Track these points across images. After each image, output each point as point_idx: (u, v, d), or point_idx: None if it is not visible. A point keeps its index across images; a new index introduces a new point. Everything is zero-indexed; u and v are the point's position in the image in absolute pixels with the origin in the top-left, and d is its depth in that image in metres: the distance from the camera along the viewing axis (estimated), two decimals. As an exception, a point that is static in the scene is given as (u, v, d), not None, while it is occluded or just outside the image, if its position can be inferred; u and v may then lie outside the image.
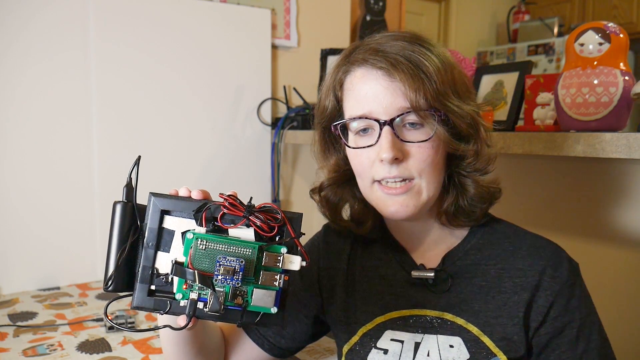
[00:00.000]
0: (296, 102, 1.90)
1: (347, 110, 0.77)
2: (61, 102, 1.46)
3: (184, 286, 0.58)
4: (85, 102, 1.50)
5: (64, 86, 1.46)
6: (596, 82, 1.01)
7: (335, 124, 0.78)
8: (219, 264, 0.56)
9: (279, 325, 0.60)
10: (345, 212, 0.87)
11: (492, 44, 4.14)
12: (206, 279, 0.56)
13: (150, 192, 0.60)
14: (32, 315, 1.25)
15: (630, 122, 1.06)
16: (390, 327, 0.79)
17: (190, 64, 1.67)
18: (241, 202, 0.58)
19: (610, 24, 1.01)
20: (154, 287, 0.59)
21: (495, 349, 0.73)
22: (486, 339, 0.74)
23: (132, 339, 1.11)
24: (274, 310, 0.58)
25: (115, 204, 0.61)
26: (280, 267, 0.58)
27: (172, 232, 0.59)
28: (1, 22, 1.37)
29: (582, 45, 1.02)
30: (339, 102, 0.79)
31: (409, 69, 0.70)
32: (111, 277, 0.59)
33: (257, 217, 0.58)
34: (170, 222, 0.60)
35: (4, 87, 1.39)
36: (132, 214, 0.60)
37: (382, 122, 0.72)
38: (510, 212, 0.87)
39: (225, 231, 0.59)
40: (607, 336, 0.76)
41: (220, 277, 0.56)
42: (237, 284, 0.56)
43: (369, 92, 0.73)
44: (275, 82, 1.90)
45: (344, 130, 0.78)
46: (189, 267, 0.56)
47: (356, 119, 0.74)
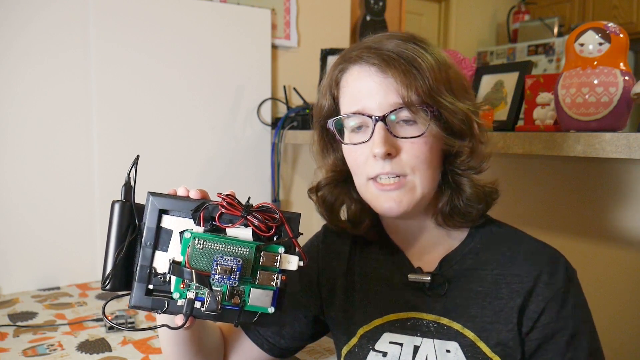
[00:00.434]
0: (296, 102, 1.90)
1: (342, 107, 0.78)
2: (61, 102, 1.46)
3: (182, 285, 0.58)
4: (85, 102, 1.50)
5: (64, 86, 1.46)
6: (596, 82, 1.00)
7: (330, 121, 0.78)
8: (216, 263, 0.56)
9: (276, 325, 0.60)
10: (342, 214, 0.87)
11: (492, 44, 4.14)
12: (203, 279, 0.56)
13: (148, 192, 0.60)
14: (32, 315, 1.25)
15: (630, 122, 1.06)
16: (388, 330, 0.78)
17: (190, 64, 1.67)
18: (239, 202, 0.58)
19: (610, 24, 1.01)
20: (151, 286, 0.59)
21: (491, 354, 0.73)
22: (482, 345, 0.73)
23: (132, 339, 1.11)
24: (271, 310, 0.58)
25: (113, 203, 0.61)
26: (277, 267, 0.58)
27: (170, 232, 0.59)
28: (1, 22, 1.37)
29: (582, 45, 1.02)
30: (335, 100, 0.80)
31: (401, 65, 0.71)
32: (109, 276, 0.59)
33: (255, 217, 0.58)
34: (168, 221, 0.60)
35: (4, 87, 1.39)
36: (131, 213, 0.60)
37: (374, 118, 0.72)
38: (509, 212, 0.87)
39: (223, 231, 0.59)
40: (599, 346, 0.76)
41: (217, 276, 0.56)
42: (235, 283, 0.56)
43: (363, 89, 0.74)
44: (275, 82, 1.90)
45: (341, 128, 0.79)
46: (186, 267, 0.56)
47: (350, 115, 0.75)
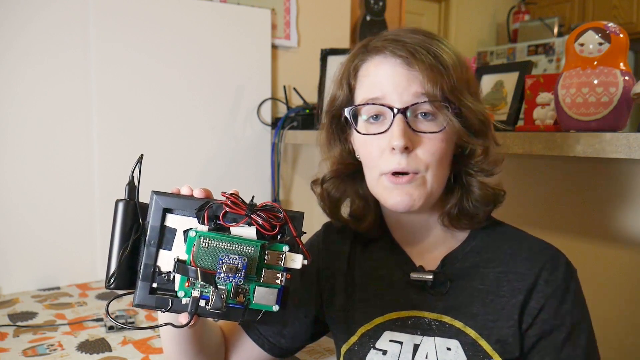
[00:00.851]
0: (296, 102, 1.90)
1: (359, 96, 0.77)
2: (61, 102, 1.46)
3: (186, 284, 0.58)
4: (85, 102, 1.50)
5: (64, 86, 1.46)
6: (596, 82, 1.00)
7: (348, 109, 0.77)
8: (221, 261, 0.56)
9: (280, 323, 0.60)
10: (345, 210, 0.86)
11: (492, 44, 4.14)
12: (209, 277, 0.56)
13: (152, 191, 0.60)
14: (32, 315, 1.25)
15: (630, 122, 1.06)
16: (389, 328, 0.78)
17: (190, 64, 1.67)
18: (243, 201, 0.59)
19: (610, 24, 1.01)
20: (155, 285, 0.59)
21: (491, 352, 0.73)
22: (483, 342, 0.73)
23: (132, 339, 1.11)
24: (276, 308, 0.58)
25: (117, 202, 0.61)
26: (282, 265, 0.58)
27: (174, 231, 0.59)
28: (1, 22, 1.37)
29: (582, 45, 1.02)
30: (351, 89, 0.79)
31: (428, 60, 0.71)
32: (113, 275, 0.59)
33: (259, 216, 0.58)
34: (172, 220, 0.60)
35: (4, 87, 1.39)
36: (134, 212, 0.60)
37: (395, 110, 0.71)
38: (510, 212, 0.87)
39: (227, 230, 0.59)
40: (596, 346, 0.76)
41: (222, 274, 0.56)
42: (240, 281, 0.56)
43: (385, 78, 0.73)
44: (275, 82, 1.90)
45: (355, 117, 0.77)
46: (191, 265, 0.57)
47: (369, 103, 0.74)
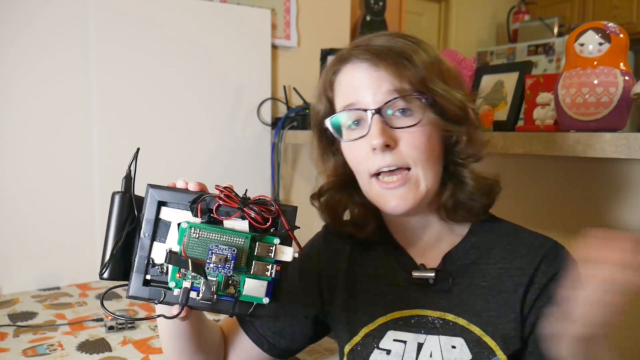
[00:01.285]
0: (296, 102, 1.90)
1: (338, 106, 0.79)
2: (61, 102, 1.46)
3: (178, 275, 0.59)
4: (85, 101, 1.50)
5: (64, 86, 1.46)
6: (596, 82, 1.00)
7: (327, 120, 0.79)
8: (211, 252, 0.57)
9: (271, 317, 0.61)
10: (346, 217, 0.87)
11: (492, 44, 4.14)
12: (198, 267, 0.57)
13: (148, 184, 0.61)
14: (32, 315, 1.25)
15: (630, 122, 1.06)
16: (392, 328, 0.79)
17: (190, 64, 1.67)
18: (236, 194, 0.59)
19: (610, 24, 1.01)
20: (149, 276, 0.60)
21: (496, 348, 0.73)
22: (488, 339, 0.74)
23: (132, 339, 1.11)
24: (266, 300, 0.59)
25: (113, 194, 0.62)
26: (272, 257, 0.58)
27: (168, 223, 0.60)
28: (1, 22, 1.37)
29: (582, 45, 1.02)
30: (331, 102, 0.81)
31: (392, 57, 0.73)
32: (106, 265, 0.59)
33: (252, 209, 0.59)
34: (166, 213, 0.60)
35: (5, 86, 1.39)
36: (130, 205, 0.61)
37: (370, 111, 0.73)
38: (510, 212, 0.87)
39: (220, 223, 0.59)
40: None
41: (212, 265, 0.56)
42: (229, 272, 0.57)
43: (356, 83, 0.75)
44: (275, 82, 1.90)
45: (339, 128, 0.79)
46: (182, 256, 0.57)
47: (346, 110, 0.76)
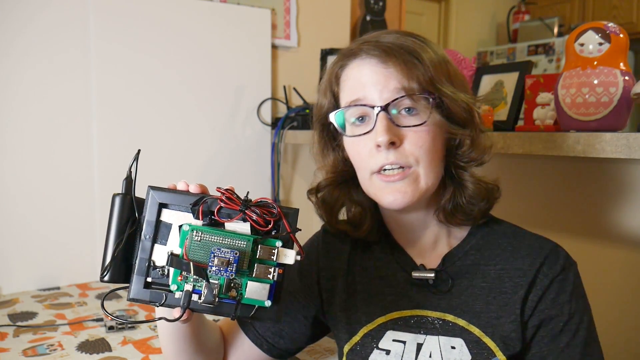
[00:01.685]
0: (296, 102, 1.90)
1: (343, 100, 0.78)
2: (61, 102, 1.46)
3: (179, 278, 0.58)
4: (85, 101, 1.50)
5: (64, 86, 1.46)
6: (596, 82, 1.00)
7: (332, 114, 0.78)
8: (213, 255, 0.56)
9: (273, 320, 0.60)
10: (342, 216, 0.86)
11: (492, 44, 4.14)
12: (201, 270, 0.57)
13: (148, 185, 0.60)
14: (32, 315, 1.25)
15: (630, 122, 1.06)
16: (391, 328, 0.79)
17: (190, 64, 1.67)
18: (238, 197, 0.59)
19: (610, 24, 1.01)
20: (150, 279, 0.60)
21: (495, 349, 0.73)
22: (488, 340, 0.74)
23: (132, 339, 1.11)
24: (268, 303, 0.59)
25: (114, 196, 0.61)
26: (274, 260, 0.58)
27: (169, 226, 0.60)
28: (1, 22, 1.37)
29: (582, 45, 1.02)
30: (336, 97, 0.80)
31: (402, 55, 0.72)
32: (107, 268, 0.59)
33: (253, 212, 0.58)
34: (167, 215, 0.60)
35: (5, 86, 1.39)
36: (131, 207, 0.61)
37: (376, 108, 0.73)
38: (510, 212, 0.87)
39: (221, 225, 0.59)
40: (597, 338, 0.76)
41: (214, 268, 0.56)
42: (231, 275, 0.57)
43: (363, 79, 0.74)
44: (275, 82, 1.90)
45: (343, 123, 0.79)
46: (184, 259, 0.57)
47: (352, 105, 0.75)
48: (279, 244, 0.58)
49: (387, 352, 0.77)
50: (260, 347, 0.85)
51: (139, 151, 0.62)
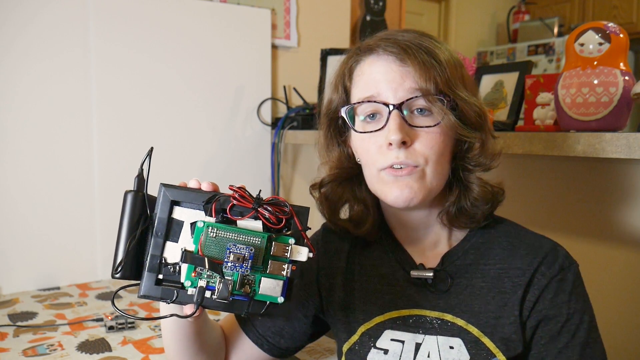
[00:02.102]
0: (296, 102, 1.90)
1: (355, 96, 0.77)
2: (61, 102, 1.46)
3: (193, 274, 0.59)
4: (85, 101, 1.50)
5: (64, 86, 1.46)
6: (596, 82, 1.01)
7: (344, 108, 0.77)
8: (229, 251, 0.57)
9: (284, 316, 0.61)
10: (344, 214, 0.86)
11: (492, 44, 4.14)
12: (216, 266, 0.57)
13: (161, 183, 0.61)
14: (32, 315, 1.25)
15: (630, 122, 1.06)
16: (389, 327, 0.78)
17: (190, 64, 1.67)
18: (250, 195, 0.60)
19: (610, 24, 1.01)
20: (161, 276, 0.60)
21: (495, 350, 0.73)
22: (486, 340, 0.74)
23: (132, 339, 1.11)
24: (281, 299, 0.59)
25: (126, 193, 0.61)
26: (288, 257, 0.59)
27: (181, 223, 0.60)
28: (1, 22, 1.37)
29: (582, 45, 1.02)
30: (347, 91, 0.79)
31: (420, 55, 0.71)
32: (120, 264, 0.59)
33: (266, 209, 0.59)
34: (179, 212, 0.60)
35: (5, 86, 1.39)
36: (143, 204, 0.61)
37: (390, 106, 0.72)
38: (510, 212, 0.87)
39: (233, 222, 0.59)
40: (598, 339, 0.75)
41: (230, 264, 0.57)
42: (246, 271, 0.57)
43: (379, 75, 0.73)
44: (275, 82, 1.90)
45: (352, 117, 0.78)
46: (199, 254, 0.57)
47: (365, 101, 0.74)
48: (292, 241, 0.59)
49: (385, 351, 0.77)
50: (260, 347, 0.85)
51: (151, 149, 0.62)
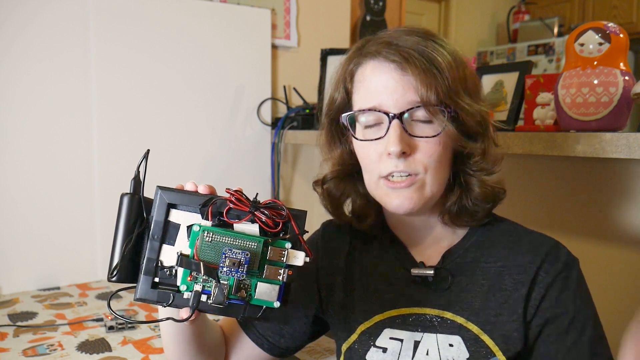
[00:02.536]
0: (296, 102, 1.90)
1: (356, 102, 0.77)
2: (61, 102, 1.46)
3: (189, 278, 0.58)
4: (85, 101, 1.50)
5: (64, 86, 1.46)
6: (596, 82, 1.00)
7: (344, 115, 0.78)
8: (224, 255, 0.56)
9: (280, 321, 0.61)
10: (346, 207, 0.86)
11: (492, 44, 4.14)
12: (211, 270, 0.57)
13: (157, 186, 0.60)
14: (32, 315, 1.25)
15: (630, 122, 1.06)
16: (389, 326, 0.79)
17: (190, 64, 1.67)
18: (247, 198, 0.59)
19: (610, 24, 1.01)
20: (157, 279, 0.60)
21: (494, 348, 0.73)
22: (486, 338, 0.74)
23: (132, 339, 1.11)
24: (277, 304, 0.59)
25: (122, 196, 0.61)
26: (284, 261, 0.58)
27: (177, 226, 0.60)
28: (1, 22, 1.37)
29: (582, 45, 1.02)
30: (348, 94, 0.79)
31: (422, 64, 0.71)
32: (116, 267, 0.59)
33: (263, 213, 0.58)
34: (176, 215, 0.60)
35: (5, 86, 1.39)
36: (139, 207, 0.61)
37: (391, 116, 0.72)
38: (510, 212, 0.87)
39: (230, 226, 0.59)
40: (603, 334, 0.76)
41: (225, 269, 0.56)
42: (242, 276, 0.57)
43: (380, 85, 0.73)
44: (275, 82, 1.90)
45: (352, 122, 0.78)
46: (194, 259, 0.57)
47: (365, 111, 0.74)
48: (289, 245, 0.59)
49: (384, 350, 0.77)
50: (261, 347, 0.85)
51: (147, 151, 0.62)
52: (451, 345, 0.75)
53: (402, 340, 0.77)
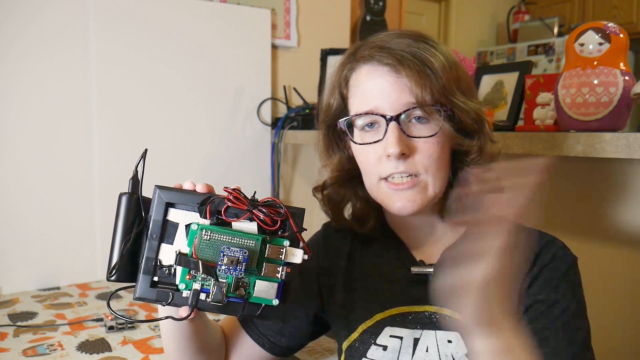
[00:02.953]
0: (296, 102, 1.90)
1: (352, 107, 0.78)
2: (61, 102, 1.46)
3: (187, 277, 0.59)
4: (85, 101, 1.50)
5: (64, 86, 1.46)
6: (596, 82, 1.01)
7: (342, 120, 0.78)
8: (222, 254, 0.57)
9: (279, 318, 0.61)
10: (347, 211, 0.87)
11: (492, 44, 4.14)
12: (209, 269, 0.57)
13: (155, 185, 0.61)
14: (32, 315, 1.24)
15: (630, 122, 1.06)
16: (389, 324, 0.79)
17: (190, 64, 1.67)
18: (245, 196, 0.59)
19: (610, 24, 1.01)
20: (156, 278, 0.60)
21: None
22: None
23: (132, 339, 1.11)
24: (276, 302, 0.59)
25: (120, 195, 0.61)
26: (282, 259, 0.59)
27: (176, 225, 0.60)
28: (1, 22, 1.37)
29: (582, 45, 1.02)
30: (344, 99, 0.80)
31: (415, 65, 0.71)
32: (115, 267, 0.59)
33: (261, 211, 0.59)
34: (174, 214, 0.60)
35: (5, 86, 1.38)
36: (137, 206, 0.61)
37: (388, 118, 0.72)
38: (510, 212, 0.87)
39: (228, 224, 0.59)
40: (583, 327, 0.72)
41: (223, 267, 0.57)
42: (240, 274, 0.57)
43: (375, 88, 0.74)
44: (275, 82, 1.90)
45: (350, 127, 0.79)
46: (192, 257, 0.57)
47: (362, 115, 0.75)
48: (287, 243, 0.59)
49: (385, 347, 0.78)
50: (262, 346, 0.85)
51: (145, 150, 0.62)
52: (450, 341, 0.75)
53: (402, 337, 0.78)
